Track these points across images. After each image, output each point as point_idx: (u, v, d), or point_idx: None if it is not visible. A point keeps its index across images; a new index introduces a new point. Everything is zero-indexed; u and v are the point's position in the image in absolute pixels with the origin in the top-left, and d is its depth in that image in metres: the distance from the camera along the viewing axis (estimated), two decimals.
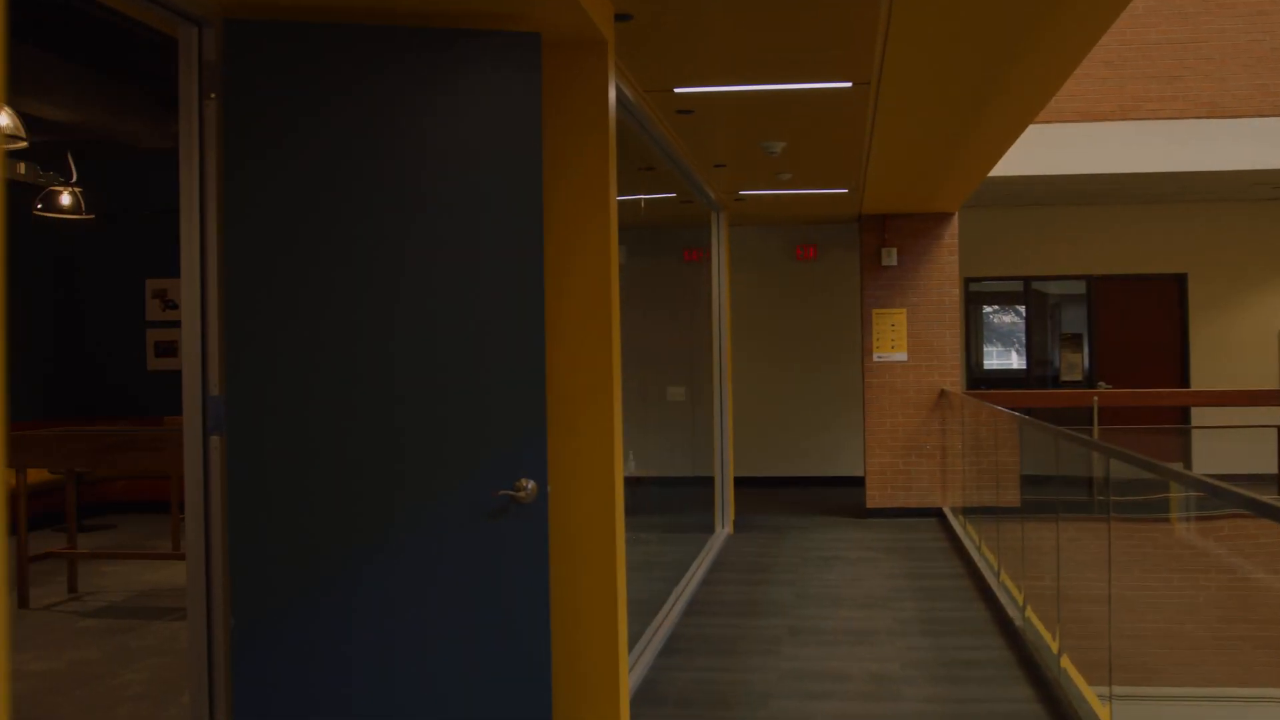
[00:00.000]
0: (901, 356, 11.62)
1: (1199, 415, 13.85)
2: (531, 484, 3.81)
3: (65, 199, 9.75)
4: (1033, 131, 10.71)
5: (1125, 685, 5.14)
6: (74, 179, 10.07)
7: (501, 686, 3.84)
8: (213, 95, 3.70)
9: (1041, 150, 11.63)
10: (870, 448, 11.62)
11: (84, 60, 8.27)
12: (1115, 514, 5.07)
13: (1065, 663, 5.70)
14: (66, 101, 8.25)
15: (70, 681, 5.98)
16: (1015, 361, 14.94)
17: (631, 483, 6.25)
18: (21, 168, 9.99)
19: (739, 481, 12.04)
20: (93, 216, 9.98)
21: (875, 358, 11.65)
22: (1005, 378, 14.78)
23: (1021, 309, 14.62)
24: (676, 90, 6.21)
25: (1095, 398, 11.53)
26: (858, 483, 12.66)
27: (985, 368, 14.81)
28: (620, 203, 5.01)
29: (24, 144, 6.50)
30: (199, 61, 3.71)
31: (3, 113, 6.30)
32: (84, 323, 12.32)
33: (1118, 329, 14.08)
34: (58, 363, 12.47)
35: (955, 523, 10.62)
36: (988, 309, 15.01)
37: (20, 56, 7.80)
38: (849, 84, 6.17)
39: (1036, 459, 7.40)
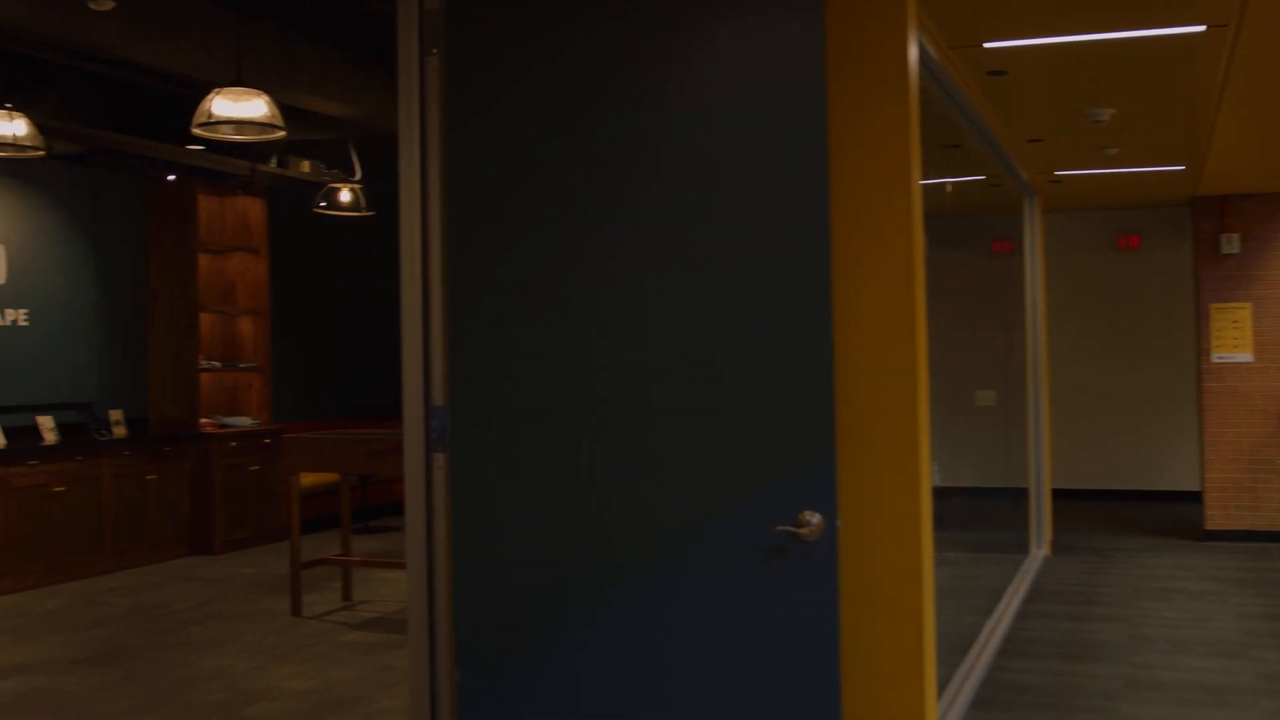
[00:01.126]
0: (1246, 357, 10.17)
1: None
2: (817, 518, 3.05)
3: (345, 196, 9.66)
4: None
5: None
6: (357, 175, 9.98)
7: None
8: (435, 51, 3.12)
9: None
10: (1209, 460, 10.21)
11: (359, 52, 8.07)
12: None
13: None
14: (343, 94, 8.05)
15: (323, 704, 5.63)
16: None
17: (935, 494, 5.41)
18: (305, 165, 9.98)
19: (1053, 494, 10.85)
20: (373, 213, 9.86)
21: (1214, 358, 10.24)
22: None
23: None
24: (987, 45, 5.32)
25: None
26: (1190, 499, 11.24)
27: None
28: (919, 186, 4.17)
29: (281, 133, 6.24)
30: (419, 12, 3.14)
31: (260, 100, 6.04)
32: (371, 321, 12.34)
33: None
34: (349, 362, 12.55)
35: None
36: None
37: (297, 50, 7.63)
38: (1201, 27, 5.13)
39: None
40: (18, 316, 9.17)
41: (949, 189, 6.65)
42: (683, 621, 3.09)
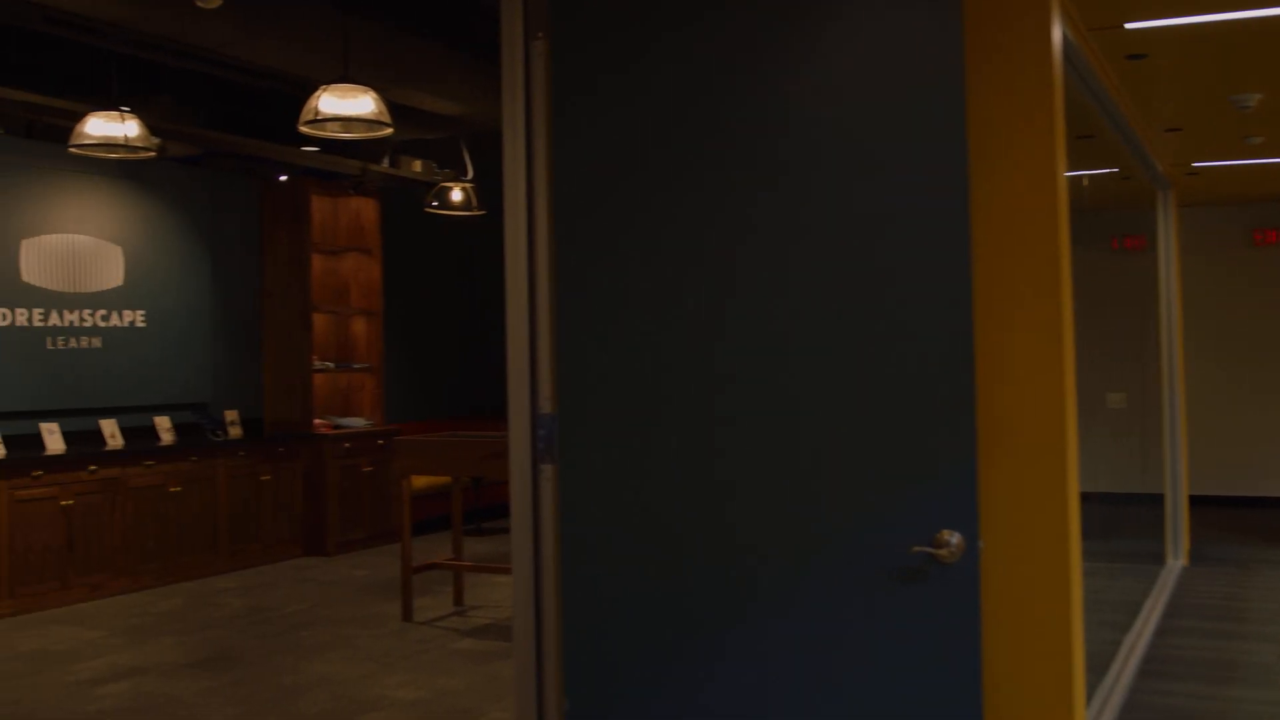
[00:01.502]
0: None
1: None
2: (956, 538, 2.80)
3: (456, 195, 9.59)
4: None
5: None
6: (469, 174, 9.90)
7: None
8: (540, 35, 2.94)
9: None
10: None
11: (470, 49, 7.96)
12: None
13: None
14: (454, 91, 7.95)
15: (431, 715, 5.50)
16: None
17: None
18: (417, 165, 9.92)
19: (1190, 501, 10.34)
20: (484, 212, 9.76)
21: None
22: None
23: None
24: (1128, 26, 4.98)
25: None
26: None
27: None
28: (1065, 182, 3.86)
29: (389, 130, 6.13)
30: None
31: (368, 96, 5.94)
32: (483, 321, 12.28)
33: None
34: (462, 363, 12.51)
35: None
36: None
37: (407, 48, 7.54)
38: None
39: None
40: (135, 318, 9.25)
41: (1085, 183, 6.30)
42: (809, 650, 2.86)
